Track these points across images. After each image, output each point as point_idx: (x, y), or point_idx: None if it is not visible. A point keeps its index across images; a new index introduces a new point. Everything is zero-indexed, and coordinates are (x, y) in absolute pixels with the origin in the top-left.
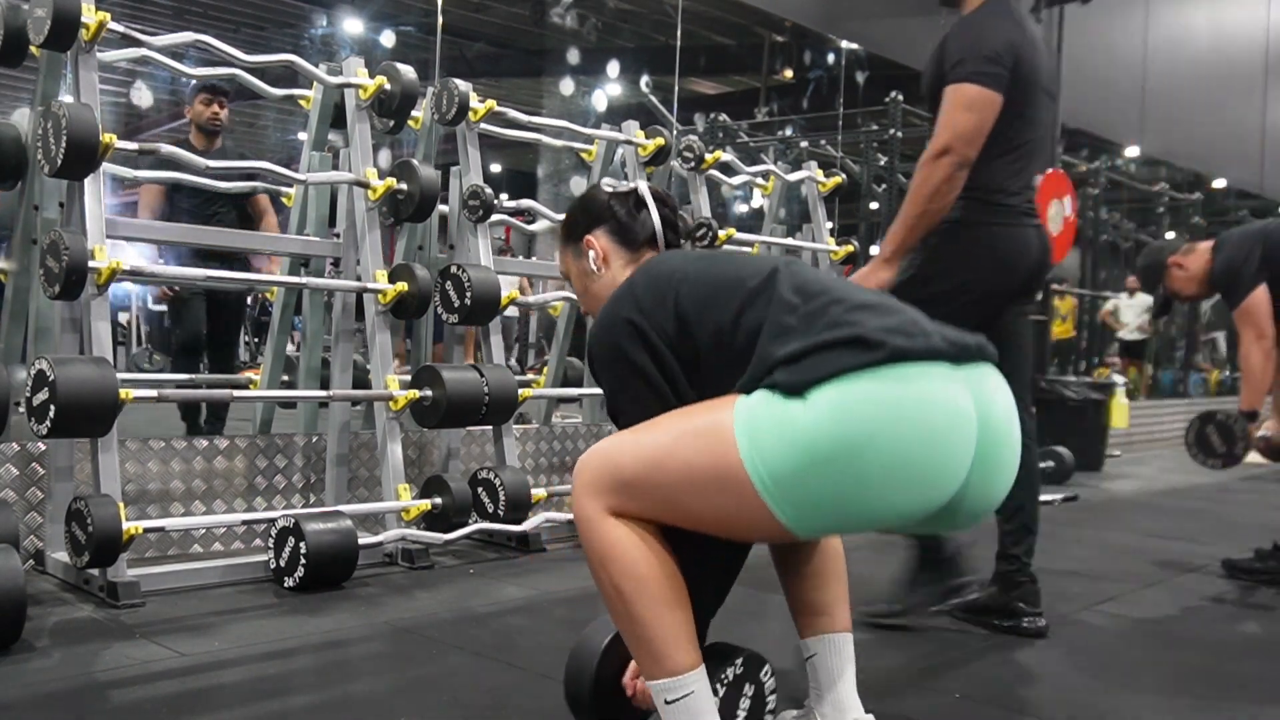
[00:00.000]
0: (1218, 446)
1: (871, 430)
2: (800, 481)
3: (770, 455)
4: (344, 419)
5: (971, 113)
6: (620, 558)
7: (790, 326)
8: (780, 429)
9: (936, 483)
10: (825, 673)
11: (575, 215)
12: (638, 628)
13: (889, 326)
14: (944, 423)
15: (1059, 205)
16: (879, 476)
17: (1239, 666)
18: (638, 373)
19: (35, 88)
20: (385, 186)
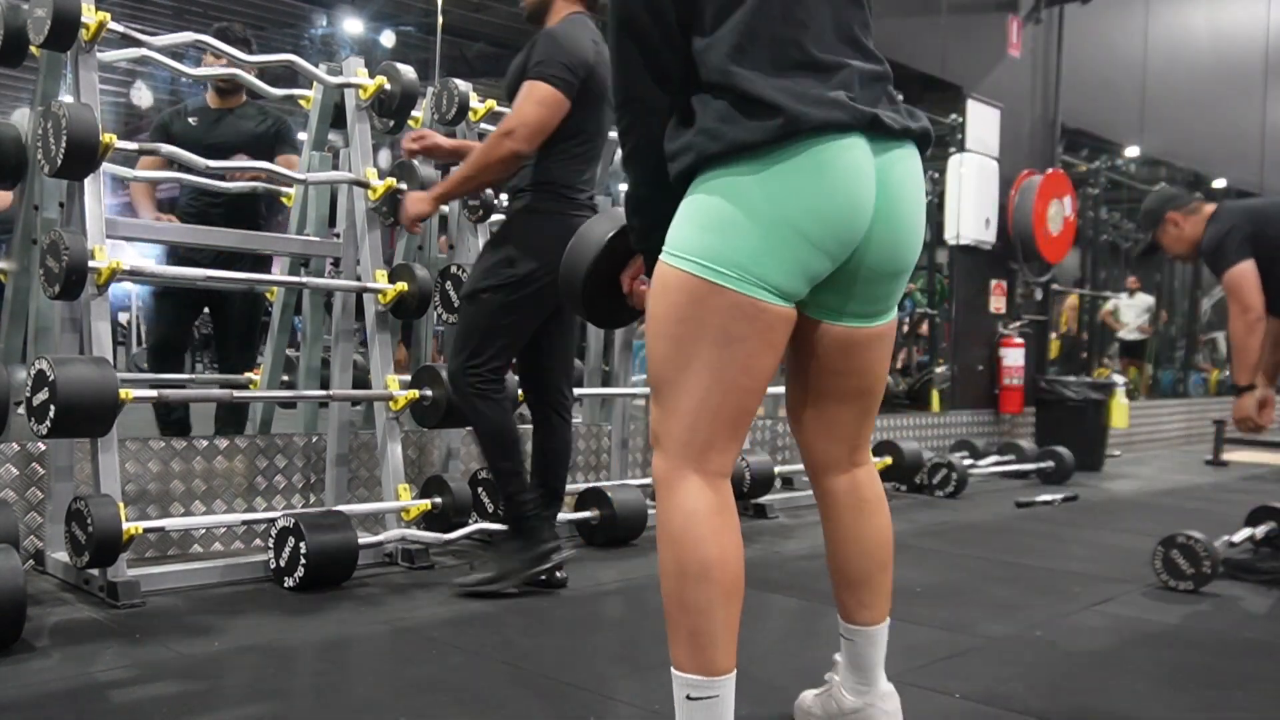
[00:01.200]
0: (1185, 569)
1: (778, 196)
2: (722, 246)
3: (690, 242)
4: (344, 419)
5: (541, 107)
6: (692, 535)
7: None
8: (687, 220)
9: (839, 227)
10: (860, 657)
11: None
12: (687, 615)
13: (814, 96)
14: (843, 184)
15: (1059, 205)
16: (789, 227)
17: (1239, 666)
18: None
19: (35, 88)
20: (385, 186)
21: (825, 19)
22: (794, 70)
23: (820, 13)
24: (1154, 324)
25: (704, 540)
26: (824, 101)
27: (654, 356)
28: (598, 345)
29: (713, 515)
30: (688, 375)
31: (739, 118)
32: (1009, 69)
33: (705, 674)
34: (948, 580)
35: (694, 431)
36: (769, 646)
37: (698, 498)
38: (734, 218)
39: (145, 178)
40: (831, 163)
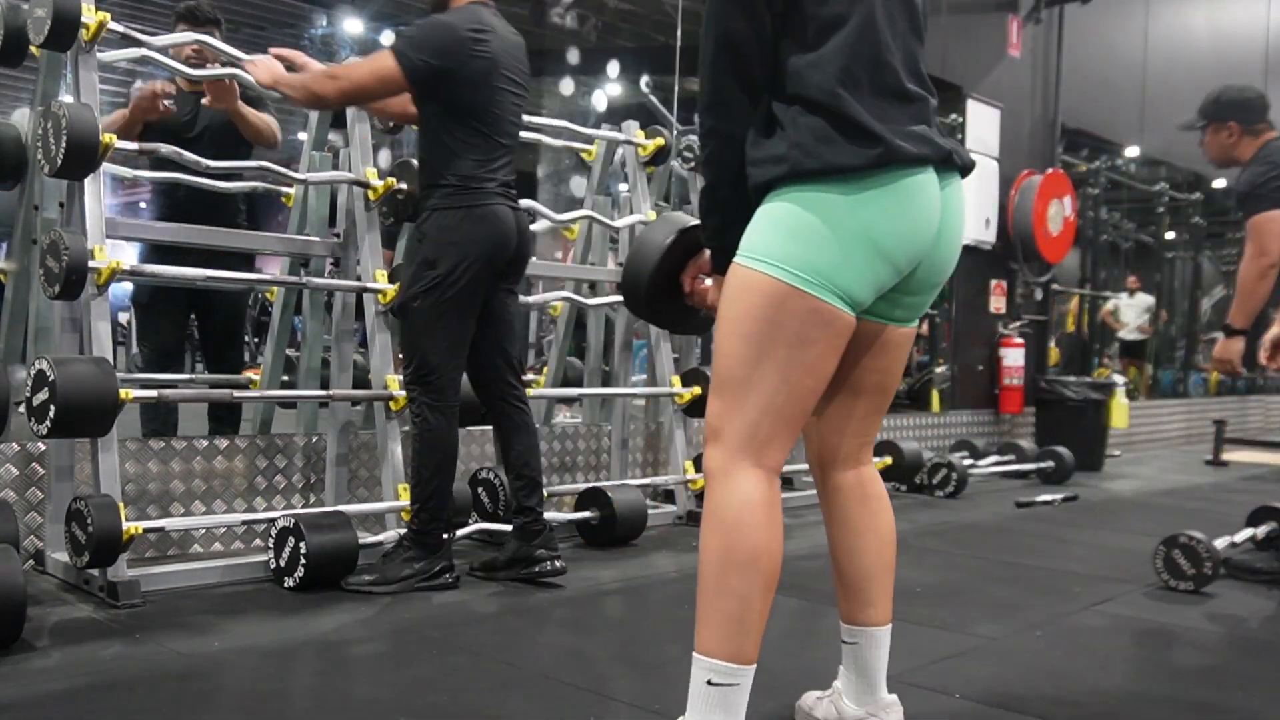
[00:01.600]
0: (1186, 569)
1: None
2: (803, 255)
3: (772, 248)
4: (344, 419)
5: (371, 75)
6: (743, 523)
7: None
8: (773, 226)
9: (914, 251)
10: (862, 661)
11: None
12: (724, 601)
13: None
14: (921, 211)
15: (1059, 205)
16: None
17: (1239, 666)
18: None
19: (35, 88)
20: (385, 186)
21: (904, 52)
22: (888, 99)
23: (902, 46)
24: (1154, 324)
25: (757, 528)
26: (915, 136)
27: (724, 353)
28: (597, 345)
29: (768, 506)
30: (758, 374)
31: (838, 139)
32: (1009, 69)
33: (734, 660)
34: (948, 580)
35: (758, 427)
36: (770, 646)
37: (755, 488)
38: (820, 231)
39: (146, 178)
40: (916, 192)
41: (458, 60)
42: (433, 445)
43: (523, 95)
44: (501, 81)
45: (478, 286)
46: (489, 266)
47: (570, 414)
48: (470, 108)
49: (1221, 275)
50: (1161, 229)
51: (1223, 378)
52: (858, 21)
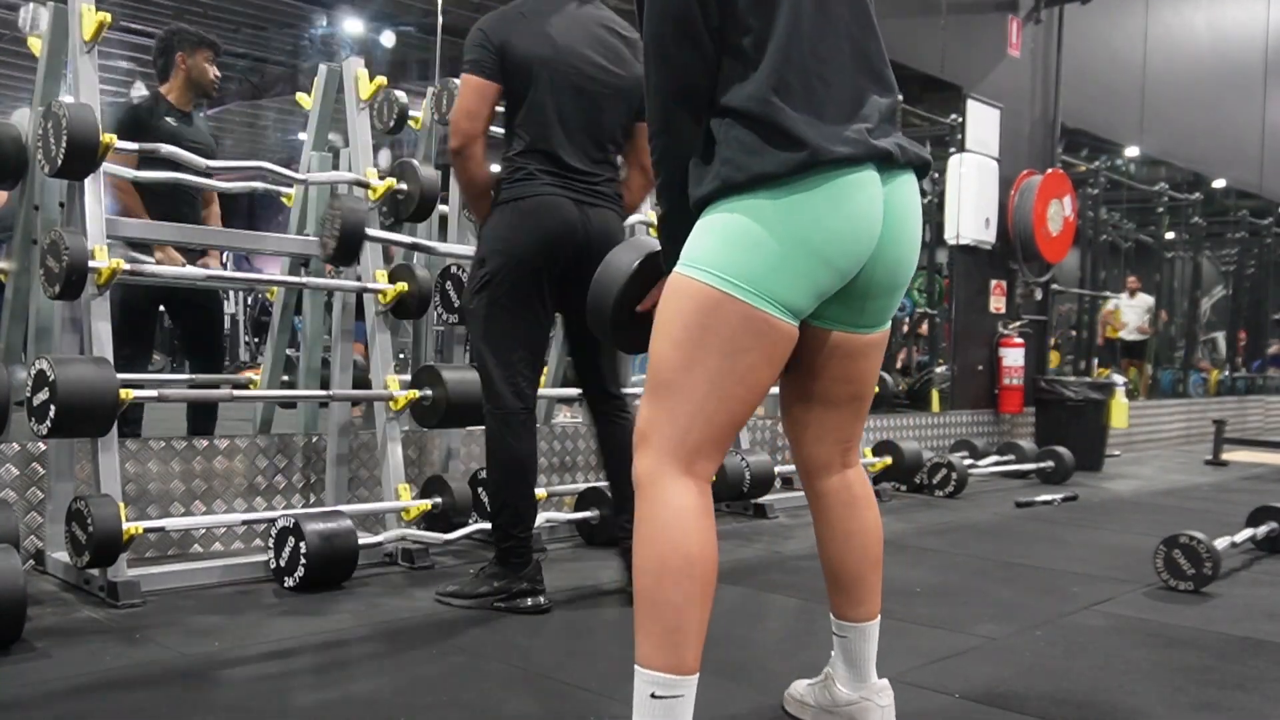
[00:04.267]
0: (1186, 569)
1: (798, 220)
2: (742, 263)
3: (711, 256)
4: (344, 419)
5: (460, 96)
6: (674, 530)
7: (763, 80)
8: (711, 235)
9: (850, 250)
10: (853, 653)
11: None
12: (661, 611)
13: (834, 133)
14: (857, 210)
15: (1059, 205)
16: (805, 250)
17: (1239, 666)
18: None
19: (35, 88)
20: (385, 186)
21: (847, 52)
22: (828, 103)
23: (843, 47)
24: (1154, 324)
25: (689, 536)
26: (845, 138)
27: (657, 358)
28: None
29: (699, 514)
30: (689, 380)
31: (765, 148)
32: (1009, 69)
33: (675, 672)
34: (948, 580)
35: (687, 434)
36: (769, 646)
37: (684, 496)
38: (752, 237)
39: (146, 178)
40: (848, 192)
41: (498, 44)
42: (491, 455)
43: (601, 81)
44: (559, 65)
45: (527, 286)
46: (538, 263)
47: (570, 414)
48: (515, 92)
49: (1221, 275)
50: (1161, 229)
51: (1223, 377)
52: (786, 27)
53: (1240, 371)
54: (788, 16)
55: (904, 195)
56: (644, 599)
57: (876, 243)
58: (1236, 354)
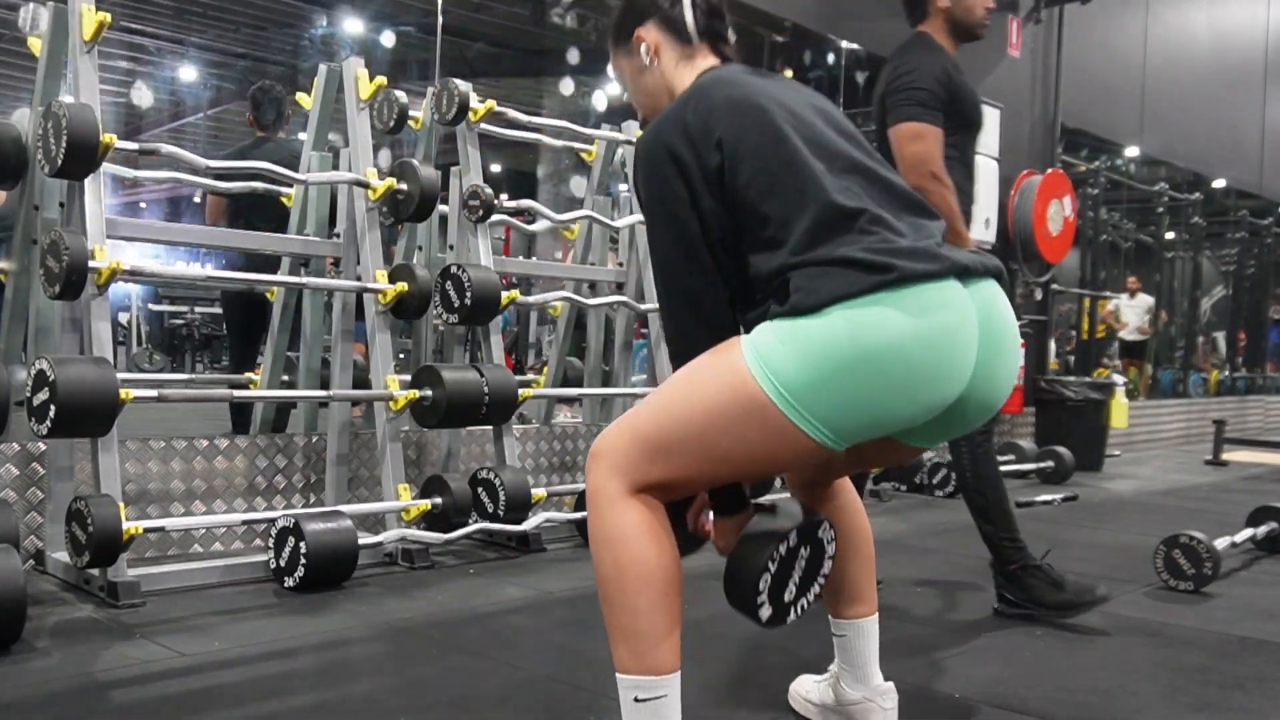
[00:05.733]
0: (1187, 569)
1: (888, 339)
2: (816, 391)
3: (784, 371)
4: (344, 419)
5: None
6: (629, 541)
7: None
8: (791, 345)
9: (944, 384)
10: (853, 652)
11: (621, 16)
12: (628, 618)
13: (904, 249)
14: (951, 328)
15: (1059, 205)
16: (891, 382)
17: (1239, 666)
18: (672, 203)
19: (35, 88)
20: (385, 186)
21: (880, 191)
22: (880, 237)
23: (872, 190)
24: (1154, 324)
25: (644, 544)
26: (919, 253)
27: (670, 400)
28: (597, 345)
29: (653, 523)
30: (683, 446)
31: (836, 274)
32: (1009, 69)
33: (652, 673)
34: (948, 580)
35: (650, 478)
36: (769, 646)
37: (638, 510)
38: (818, 349)
39: (146, 178)
40: (934, 309)
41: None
42: (985, 507)
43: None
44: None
45: None
46: None
47: (570, 414)
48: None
49: (1221, 275)
50: (1161, 229)
51: (1223, 377)
52: (812, 194)
53: (1240, 371)
54: (804, 190)
55: (994, 302)
56: (610, 608)
57: (973, 361)
58: (1237, 354)
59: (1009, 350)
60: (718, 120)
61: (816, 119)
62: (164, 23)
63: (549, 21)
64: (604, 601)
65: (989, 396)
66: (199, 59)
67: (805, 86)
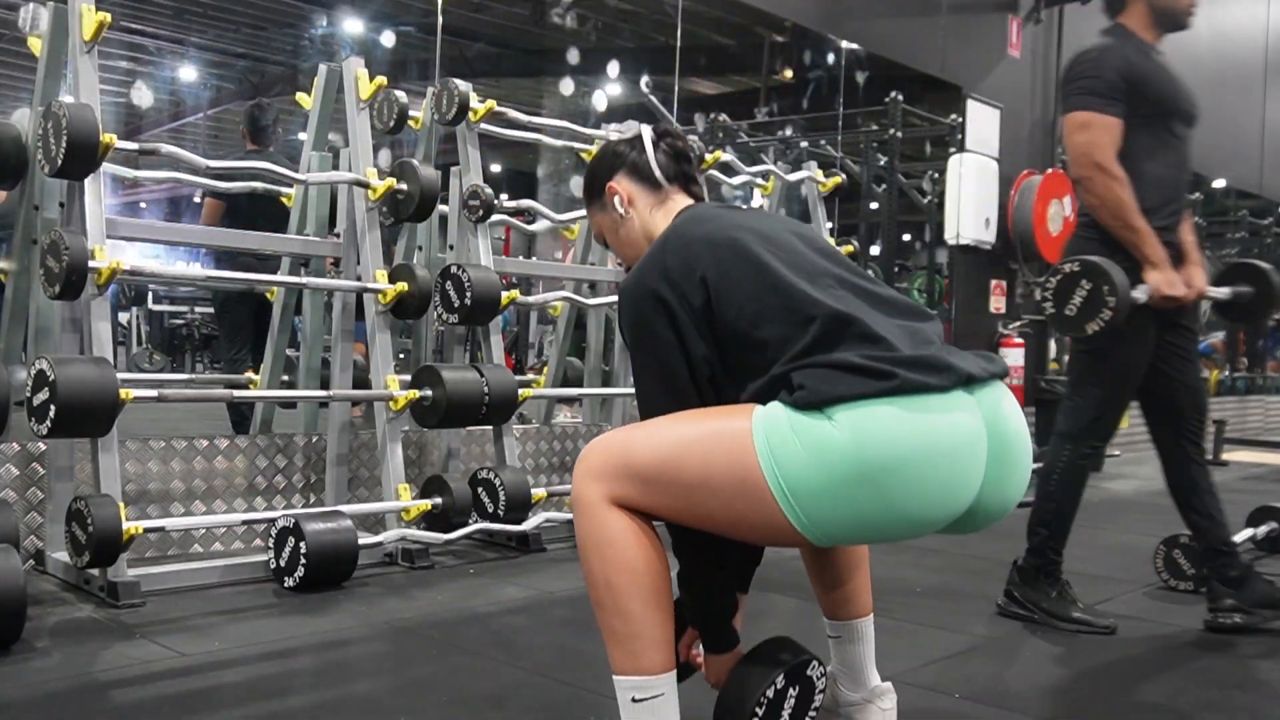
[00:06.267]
0: (1187, 569)
1: (891, 455)
2: (819, 497)
3: (790, 468)
4: (344, 419)
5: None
6: (617, 546)
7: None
8: (801, 444)
9: (951, 500)
10: (848, 653)
11: (592, 174)
12: (620, 621)
13: (905, 359)
14: (958, 445)
15: (1059, 205)
16: (897, 497)
17: (1239, 666)
18: (659, 349)
19: (35, 88)
20: (385, 186)
21: (869, 304)
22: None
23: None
24: None
25: (630, 546)
26: (923, 363)
27: (668, 447)
28: (598, 345)
29: (637, 532)
30: (676, 494)
31: (841, 377)
32: (1009, 69)
33: (647, 673)
34: (948, 580)
35: (637, 503)
36: None
37: (622, 516)
38: (820, 450)
39: (146, 178)
40: (939, 423)
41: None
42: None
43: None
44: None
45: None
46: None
47: (570, 414)
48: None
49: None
50: None
51: (1223, 377)
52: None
53: (1240, 371)
54: (792, 311)
55: (1000, 407)
56: (602, 611)
57: (980, 481)
58: (1237, 353)
59: (1020, 458)
60: (698, 258)
61: (796, 242)
62: (164, 23)
63: (549, 21)
64: (596, 605)
65: (998, 505)
66: (199, 59)
67: (780, 215)
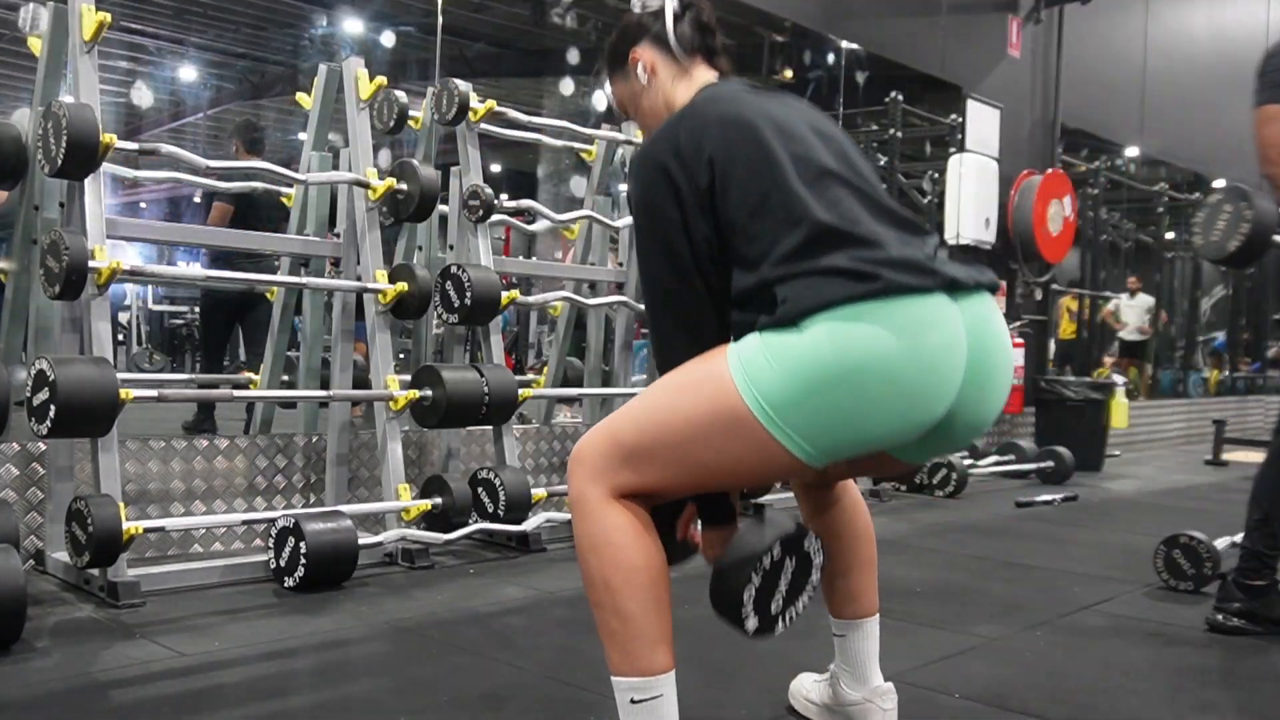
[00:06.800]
0: (1187, 569)
1: (868, 354)
2: (802, 408)
3: (770, 388)
4: (344, 419)
5: None
6: (615, 545)
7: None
8: (776, 359)
9: (929, 403)
10: (852, 652)
11: (615, 42)
12: (619, 621)
13: (890, 260)
14: (936, 344)
15: (1059, 205)
16: (874, 399)
17: (1239, 666)
18: (663, 226)
19: (35, 88)
20: (385, 186)
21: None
22: (871, 248)
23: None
24: (1154, 325)
25: (628, 547)
26: (908, 265)
27: (649, 413)
28: (598, 345)
29: (635, 530)
30: (666, 454)
31: (821, 285)
32: (1009, 69)
33: (646, 674)
34: (948, 580)
35: (630, 484)
36: (768, 646)
37: (621, 514)
38: (802, 365)
39: (146, 178)
40: (920, 323)
41: None
42: None
43: None
44: None
45: None
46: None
47: (570, 414)
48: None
49: (1221, 275)
50: (1161, 229)
51: (1223, 377)
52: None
53: (1240, 371)
54: (789, 207)
55: (985, 318)
56: (600, 612)
57: (959, 380)
58: (1238, 353)
59: (1000, 369)
60: (709, 138)
61: (811, 135)
62: (164, 23)
63: (549, 21)
64: (594, 606)
65: (977, 416)
66: (199, 59)
67: (803, 102)
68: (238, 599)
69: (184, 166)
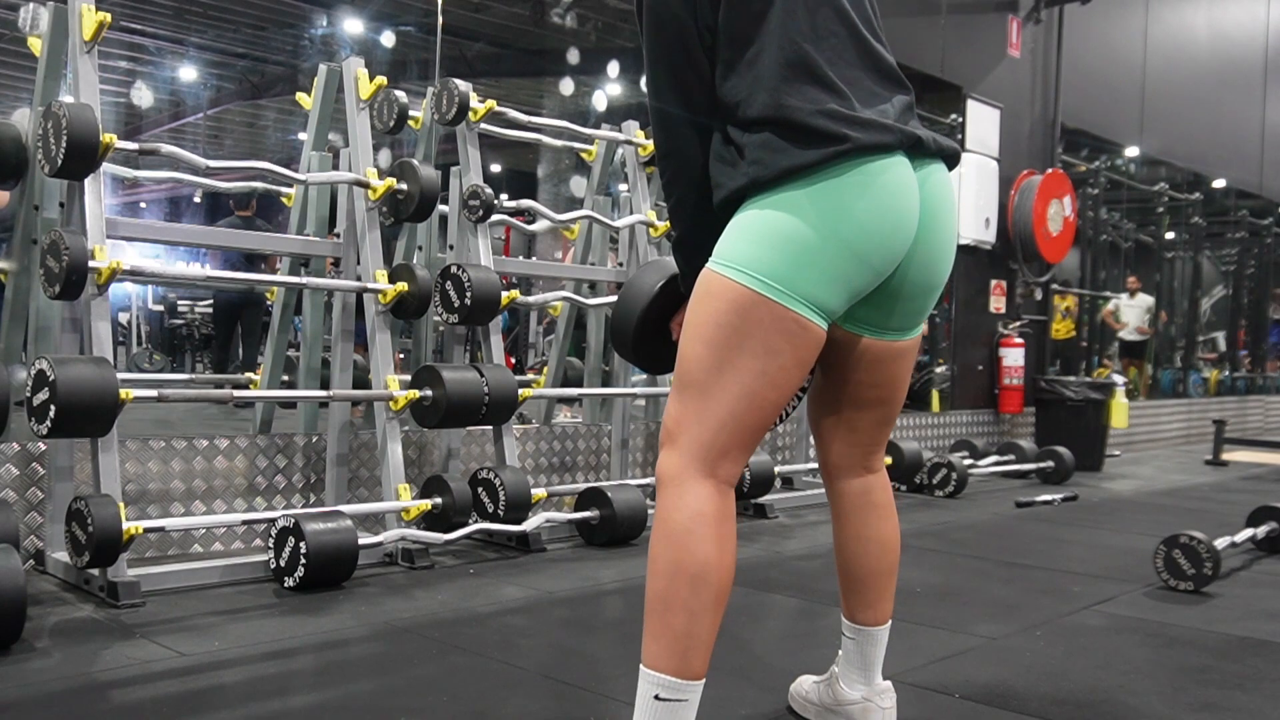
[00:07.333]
0: (1187, 569)
1: (840, 213)
2: (803, 269)
3: (760, 260)
4: (344, 419)
5: None
6: (694, 535)
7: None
8: (761, 237)
9: (889, 249)
10: (860, 655)
11: None
12: (676, 615)
13: (858, 119)
14: (894, 191)
15: (1059, 205)
16: (850, 250)
17: (1239, 666)
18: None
19: (35, 88)
20: (385, 186)
21: (854, 53)
22: (840, 100)
23: (848, 48)
24: (1154, 325)
25: (706, 540)
26: (871, 125)
27: (686, 358)
28: (597, 345)
29: (719, 520)
30: (720, 382)
31: (790, 147)
32: (1009, 69)
33: (682, 676)
34: (948, 580)
35: (715, 436)
36: (770, 645)
37: (706, 501)
38: (783, 233)
39: (146, 178)
40: (880, 180)
41: None
42: None
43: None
44: None
45: None
46: None
47: (570, 414)
48: None
49: (1221, 275)
50: (1161, 229)
51: (1223, 377)
52: (787, 34)
53: (1240, 371)
54: (784, 23)
55: (938, 185)
56: (656, 600)
57: (913, 237)
58: (1239, 353)
59: (945, 230)
60: None
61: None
62: (164, 23)
63: (549, 21)
64: (652, 595)
65: (927, 272)
66: (199, 59)
67: None
68: (238, 599)
69: (184, 166)
